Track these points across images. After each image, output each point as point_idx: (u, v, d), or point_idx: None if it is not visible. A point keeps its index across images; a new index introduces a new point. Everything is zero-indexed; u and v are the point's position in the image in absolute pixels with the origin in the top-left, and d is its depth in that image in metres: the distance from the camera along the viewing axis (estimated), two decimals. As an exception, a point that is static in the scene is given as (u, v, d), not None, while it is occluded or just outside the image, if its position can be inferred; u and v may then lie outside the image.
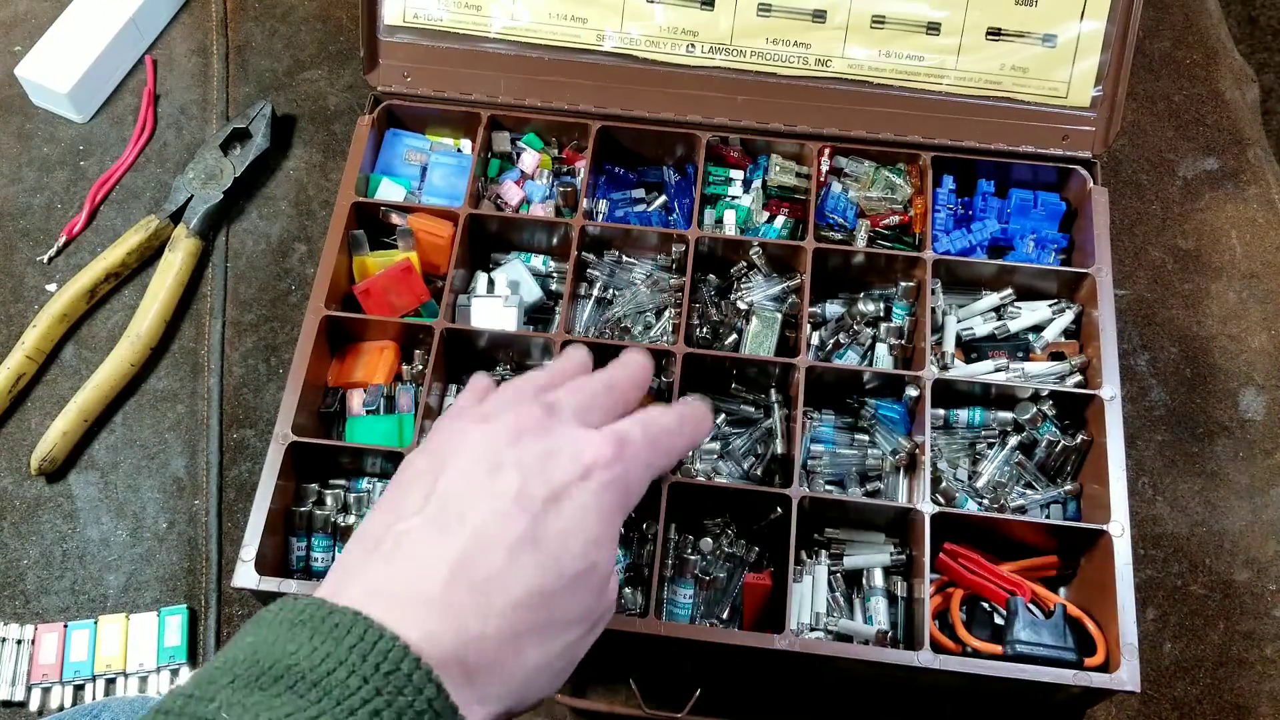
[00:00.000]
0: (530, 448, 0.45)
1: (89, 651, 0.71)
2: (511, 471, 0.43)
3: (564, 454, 0.44)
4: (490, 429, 0.46)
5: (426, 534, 0.42)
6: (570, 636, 0.43)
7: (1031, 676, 0.62)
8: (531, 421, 0.46)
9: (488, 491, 0.43)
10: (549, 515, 0.42)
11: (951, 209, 0.80)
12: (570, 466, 0.44)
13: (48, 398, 0.80)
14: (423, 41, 0.81)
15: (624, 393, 0.51)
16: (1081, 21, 0.77)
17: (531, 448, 0.45)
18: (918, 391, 0.71)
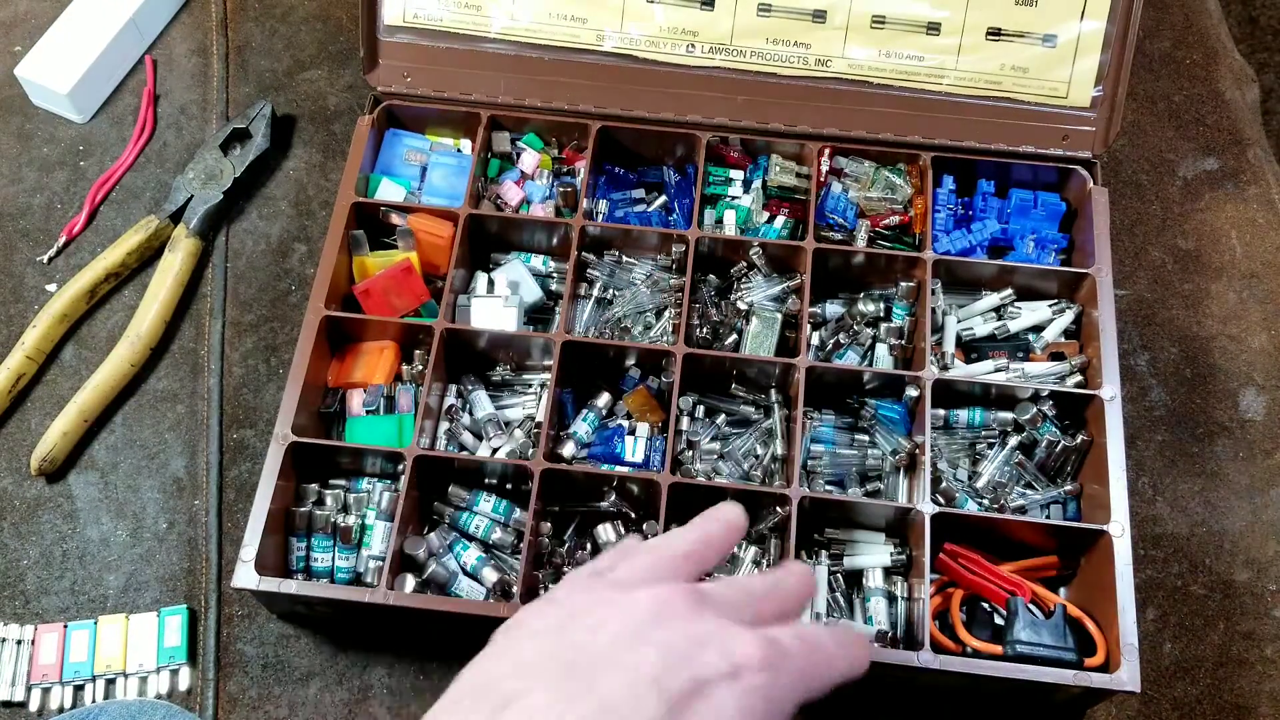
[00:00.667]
0: (676, 630, 0.38)
1: (89, 652, 0.71)
2: (652, 650, 0.37)
3: (712, 646, 0.37)
4: (631, 600, 0.39)
5: (546, 697, 0.36)
6: None
7: (1031, 677, 0.62)
8: (679, 601, 0.39)
9: (624, 664, 0.36)
10: (686, 709, 0.36)
11: (951, 209, 0.80)
12: (718, 662, 0.37)
13: (48, 398, 0.80)
14: (423, 42, 0.81)
15: (784, 601, 0.43)
16: (1081, 21, 0.77)
17: (678, 630, 0.38)
18: (918, 392, 0.71)
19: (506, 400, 0.75)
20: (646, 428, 0.73)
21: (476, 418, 0.74)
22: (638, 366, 0.74)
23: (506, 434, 0.73)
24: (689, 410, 0.73)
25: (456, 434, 0.74)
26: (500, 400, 0.75)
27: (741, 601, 0.41)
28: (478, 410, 0.74)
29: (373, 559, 0.69)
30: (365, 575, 0.69)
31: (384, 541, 0.69)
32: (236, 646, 0.72)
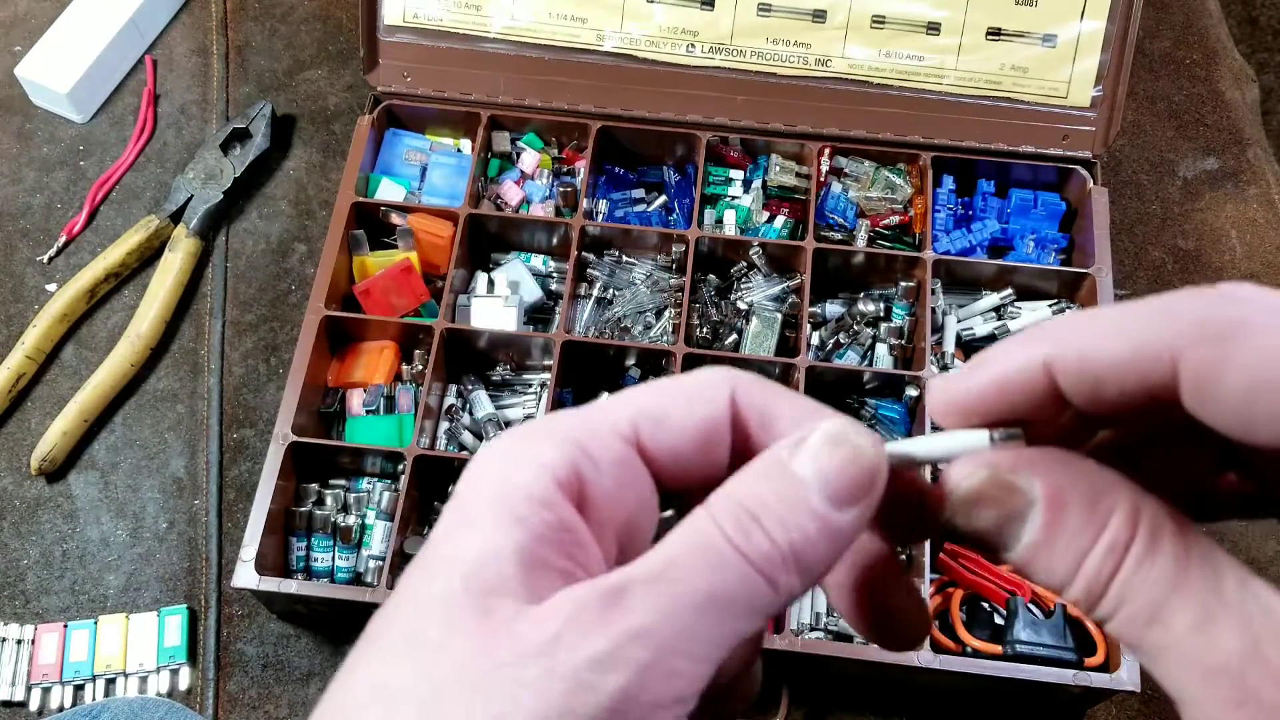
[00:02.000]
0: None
1: (89, 651, 0.71)
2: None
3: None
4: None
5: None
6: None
7: (1031, 676, 0.62)
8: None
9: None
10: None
11: (951, 209, 0.80)
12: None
13: (48, 397, 0.80)
14: (423, 41, 0.81)
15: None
16: (1081, 21, 0.77)
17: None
18: (918, 392, 0.71)
19: (506, 400, 0.75)
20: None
21: (476, 417, 0.74)
22: (638, 366, 0.74)
23: (506, 434, 0.73)
24: (689, 410, 0.73)
25: (456, 434, 0.74)
26: (500, 400, 0.75)
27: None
28: (478, 410, 0.74)
29: (373, 559, 0.69)
30: (365, 575, 0.69)
31: (384, 541, 0.69)
32: (236, 646, 0.72)
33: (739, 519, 0.22)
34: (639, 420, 0.25)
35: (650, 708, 0.21)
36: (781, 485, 0.23)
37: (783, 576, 0.22)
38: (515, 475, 0.23)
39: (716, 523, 0.23)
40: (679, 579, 0.22)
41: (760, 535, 0.22)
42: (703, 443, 0.25)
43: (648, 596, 0.22)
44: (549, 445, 0.24)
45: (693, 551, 0.22)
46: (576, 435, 0.24)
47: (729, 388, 0.25)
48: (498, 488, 0.23)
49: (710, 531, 0.22)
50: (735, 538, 0.22)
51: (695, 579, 0.22)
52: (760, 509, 0.22)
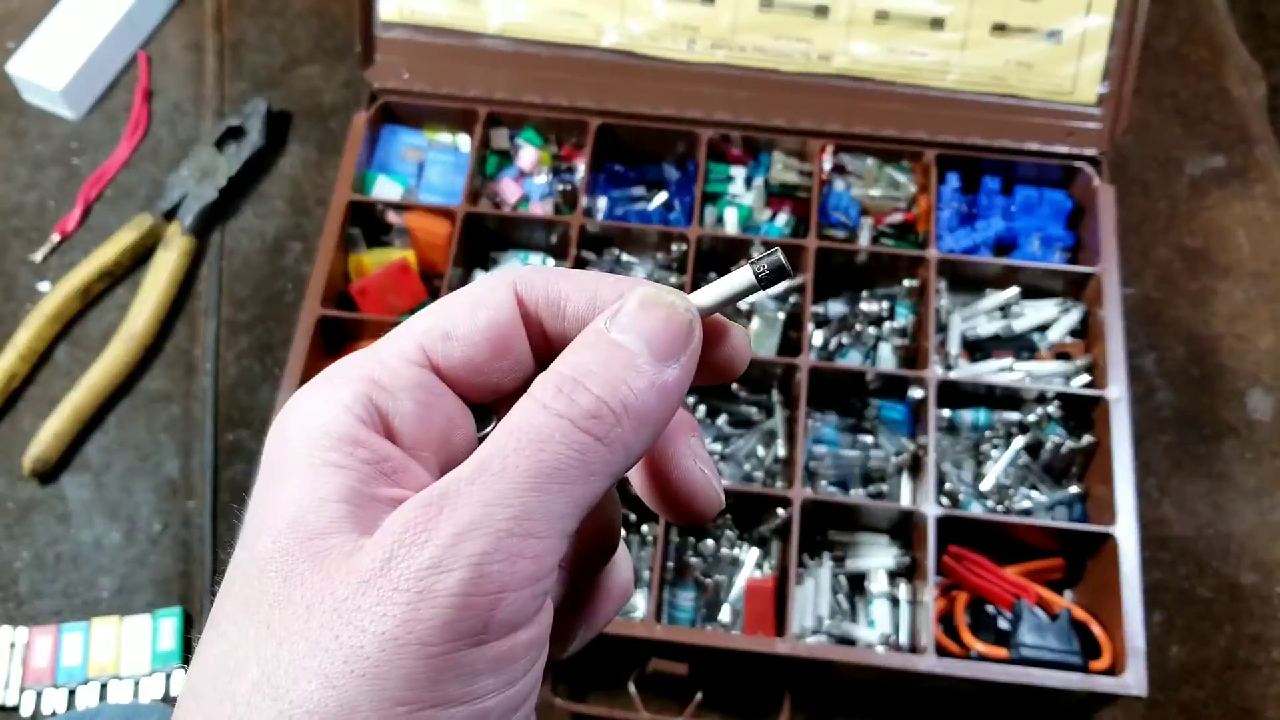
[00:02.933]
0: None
1: (82, 655, 0.70)
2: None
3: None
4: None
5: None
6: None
7: (1037, 681, 0.62)
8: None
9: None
10: None
11: (956, 207, 0.79)
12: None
13: (40, 398, 0.79)
14: (420, 37, 0.80)
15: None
16: (1087, 17, 0.76)
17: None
18: (922, 392, 0.70)
19: (505, 400, 0.75)
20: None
21: (474, 418, 0.73)
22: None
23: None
24: (690, 410, 0.73)
25: (454, 435, 0.73)
26: (498, 400, 0.74)
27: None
28: (476, 411, 0.73)
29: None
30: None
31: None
32: (231, 650, 0.71)
33: (560, 387, 0.23)
34: (425, 341, 0.25)
35: (499, 596, 0.21)
36: (605, 352, 0.23)
37: (614, 430, 0.23)
38: (317, 421, 0.24)
39: (536, 398, 0.23)
40: (503, 466, 0.22)
41: (583, 394, 0.23)
42: (496, 345, 0.25)
43: (472, 492, 0.22)
44: (343, 387, 0.24)
45: (514, 434, 0.22)
46: (366, 371, 0.25)
47: (509, 287, 0.25)
48: (304, 437, 0.23)
49: (530, 409, 0.23)
50: (555, 405, 0.22)
51: (519, 460, 0.22)
52: (584, 375, 0.23)
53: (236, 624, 0.22)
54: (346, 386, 0.24)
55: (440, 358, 0.25)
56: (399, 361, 0.25)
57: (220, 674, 0.22)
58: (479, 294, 0.25)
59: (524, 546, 0.21)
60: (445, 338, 0.25)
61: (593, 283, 0.25)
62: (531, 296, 0.25)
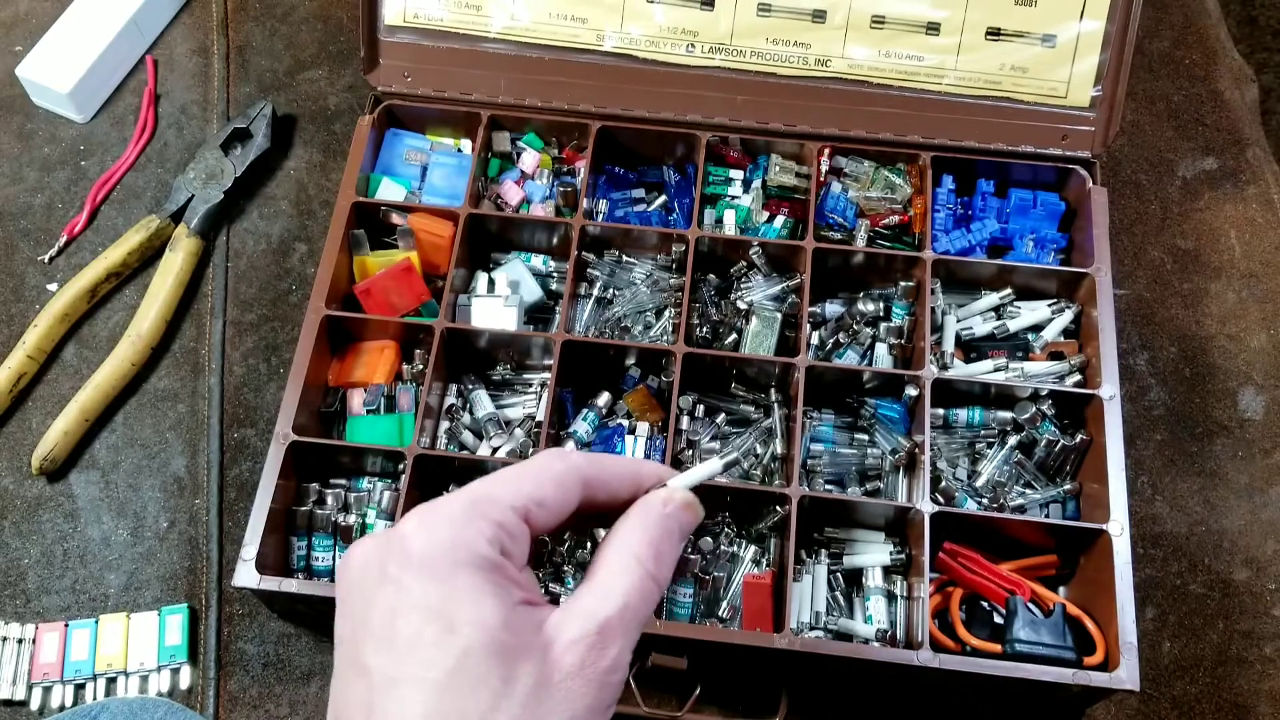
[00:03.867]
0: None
1: (90, 650, 0.71)
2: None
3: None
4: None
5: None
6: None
7: (1031, 675, 0.62)
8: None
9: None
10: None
11: (951, 209, 0.80)
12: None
13: (49, 397, 0.80)
14: (423, 41, 0.81)
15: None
16: (1081, 21, 0.77)
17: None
18: (917, 391, 0.71)
19: (507, 399, 0.76)
20: (646, 427, 0.73)
21: (477, 417, 0.74)
22: (638, 366, 0.75)
23: (507, 433, 0.73)
24: (689, 410, 0.74)
25: (457, 433, 0.74)
26: (500, 399, 0.75)
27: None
28: (478, 409, 0.74)
29: (373, 558, 0.69)
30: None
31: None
32: (237, 645, 0.72)
33: (648, 557, 0.35)
34: (529, 507, 0.35)
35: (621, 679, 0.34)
36: (664, 526, 0.36)
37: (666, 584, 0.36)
38: (465, 547, 0.33)
39: (643, 566, 0.35)
40: (634, 613, 0.34)
41: (661, 566, 0.36)
42: (563, 514, 0.36)
43: (620, 628, 0.34)
44: (481, 525, 0.34)
45: (637, 590, 0.35)
46: (495, 520, 0.34)
47: (578, 474, 0.36)
48: (457, 558, 0.33)
49: (643, 575, 0.35)
50: (654, 571, 0.35)
51: (640, 610, 0.34)
52: (659, 544, 0.36)
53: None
54: (482, 525, 0.34)
55: (532, 516, 0.35)
56: (513, 520, 0.34)
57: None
58: (565, 481, 0.36)
59: (623, 645, 0.34)
60: (540, 505, 0.35)
61: (634, 464, 0.38)
62: (590, 478, 0.37)
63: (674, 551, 0.36)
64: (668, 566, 0.36)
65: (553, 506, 0.35)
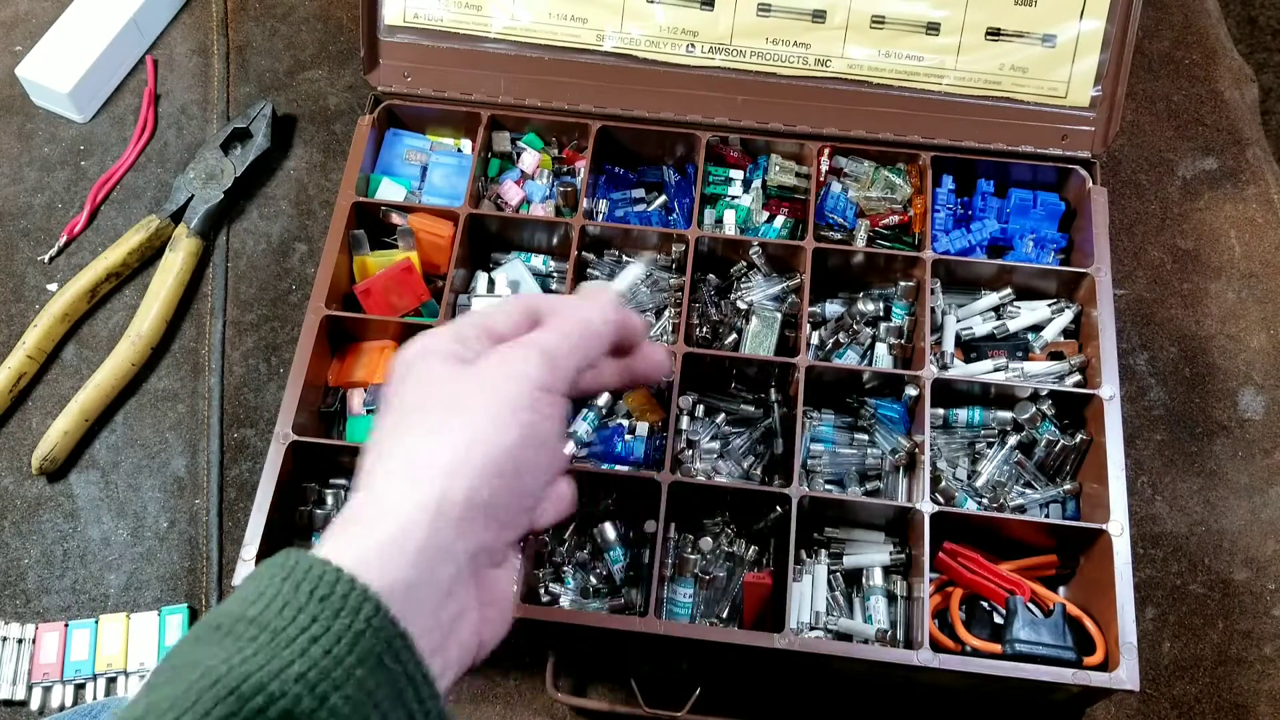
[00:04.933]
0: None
1: (90, 650, 0.71)
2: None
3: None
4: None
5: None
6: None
7: (1031, 675, 0.62)
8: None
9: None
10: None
11: (951, 209, 0.80)
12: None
13: (49, 397, 0.80)
14: (423, 41, 0.81)
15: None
16: (1081, 21, 0.77)
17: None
18: (917, 391, 0.71)
19: (507, 399, 0.75)
20: (646, 427, 0.73)
21: (477, 417, 0.74)
22: (638, 366, 0.74)
23: (507, 433, 0.73)
24: (689, 409, 0.74)
25: (457, 433, 0.74)
26: (500, 399, 0.75)
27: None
28: (478, 409, 0.74)
29: (373, 558, 0.69)
30: (366, 574, 0.69)
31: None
32: (237, 645, 0.72)
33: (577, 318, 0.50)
34: (482, 318, 0.50)
35: (560, 363, 0.48)
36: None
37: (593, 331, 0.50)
38: (429, 344, 0.47)
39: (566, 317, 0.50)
40: (544, 340, 0.48)
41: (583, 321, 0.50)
42: (515, 324, 0.50)
43: (533, 338, 0.48)
44: (442, 331, 0.48)
45: (563, 323, 0.50)
46: (454, 328, 0.49)
47: (526, 301, 0.51)
48: (423, 349, 0.48)
49: (568, 317, 0.50)
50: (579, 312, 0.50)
51: (564, 329, 0.49)
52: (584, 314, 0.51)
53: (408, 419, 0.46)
54: (443, 331, 0.48)
55: (489, 325, 0.49)
56: (470, 327, 0.49)
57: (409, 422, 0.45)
58: (513, 304, 0.50)
59: (559, 360, 0.47)
60: (491, 316, 0.50)
61: (569, 298, 0.54)
62: (535, 302, 0.51)
63: (585, 332, 0.49)
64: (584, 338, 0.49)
65: (505, 317, 0.49)
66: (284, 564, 0.38)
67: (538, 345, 0.47)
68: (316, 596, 0.37)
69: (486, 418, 0.44)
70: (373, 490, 0.43)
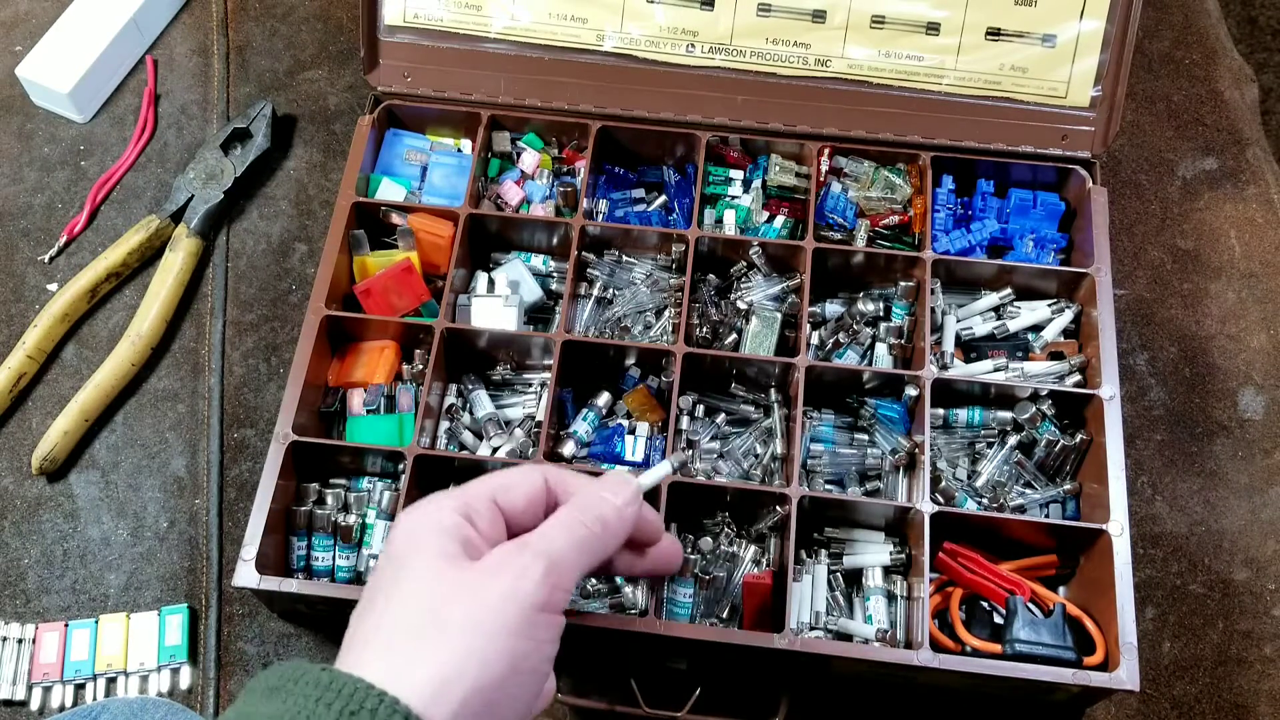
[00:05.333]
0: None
1: (90, 650, 0.71)
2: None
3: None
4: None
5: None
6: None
7: (1031, 676, 0.62)
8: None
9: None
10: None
11: (951, 209, 0.80)
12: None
13: (49, 397, 0.80)
14: (423, 41, 0.81)
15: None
16: (1081, 21, 0.77)
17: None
18: (917, 391, 0.71)
19: (507, 399, 0.76)
20: (646, 427, 0.73)
21: (477, 417, 0.74)
22: (638, 366, 0.75)
23: (507, 433, 0.73)
24: (689, 409, 0.74)
25: (457, 433, 0.74)
26: (500, 399, 0.75)
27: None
28: (478, 409, 0.74)
29: (373, 558, 0.69)
30: (366, 574, 0.69)
31: (384, 541, 0.69)
32: (237, 645, 0.72)
33: (581, 508, 0.48)
34: (495, 491, 0.48)
35: (556, 586, 0.44)
36: (597, 497, 0.49)
37: (601, 530, 0.47)
38: (435, 519, 0.45)
39: (568, 511, 0.48)
40: (553, 537, 0.46)
41: (590, 516, 0.48)
42: (530, 501, 0.48)
43: (540, 543, 0.45)
44: (450, 504, 0.46)
45: (554, 526, 0.47)
46: (464, 499, 0.47)
47: (542, 473, 0.49)
48: (431, 527, 0.45)
49: (563, 518, 0.47)
50: (576, 515, 0.48)
51: (561, 534, 0.46)
52: (591, 507, 0.48)
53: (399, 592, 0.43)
54: (454, 503, 0.46)
55: (501, 501, 0.48)
56: (480, 497, 0.47)
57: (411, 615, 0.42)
58: (529, 474, 0.49)
59: (564, 573, 0.45)
60: (506, 490, 0.48)
61: (589, 481, 0.50)
62: (553, 482, 0.49)
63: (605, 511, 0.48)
64: (596, 520, 0.47)
65: (517, 488, 0.48)
66: (307, 677, 0.39)
67: (545, 554, 0.44)
68: (335, 708, 0.38)
69: (471, 651, 0.41)
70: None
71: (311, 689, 0.39)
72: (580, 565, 0.46)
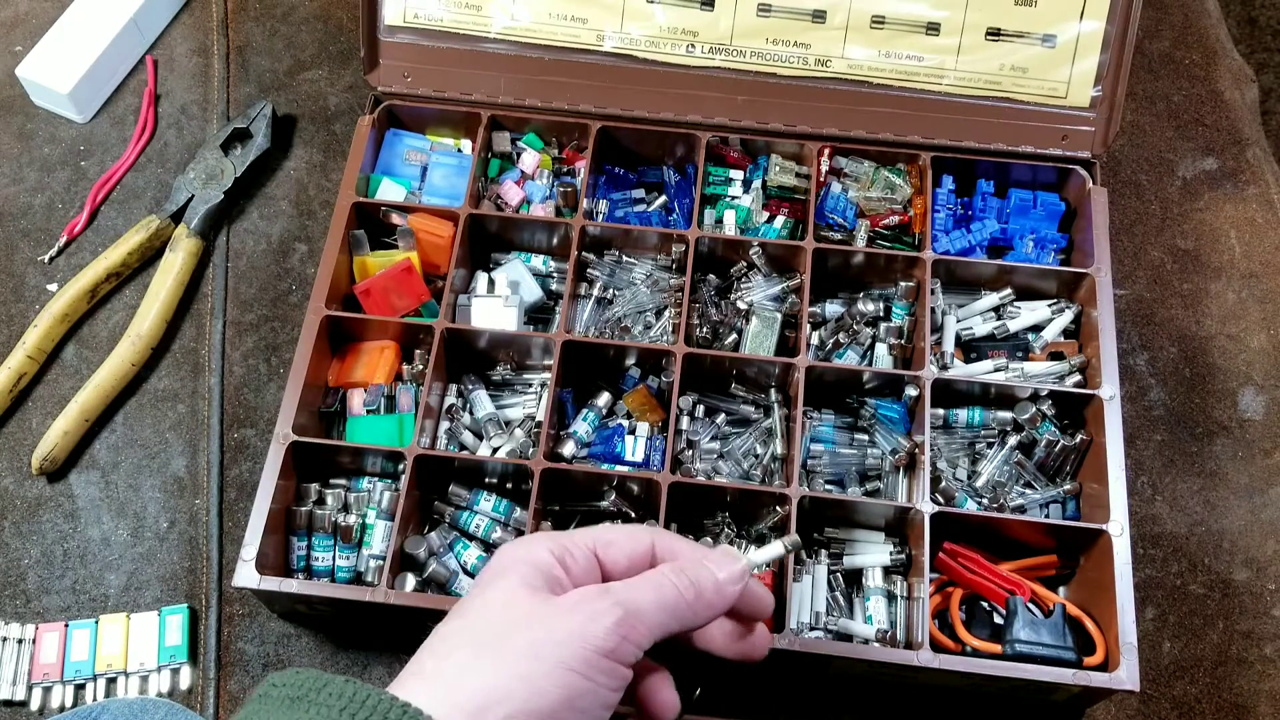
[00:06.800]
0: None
1: (90, 651, 0.71)
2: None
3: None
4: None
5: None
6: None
7: (1031, 676, 0.62)
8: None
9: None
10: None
11: (951, 209, 0.80)
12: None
13: (49, 397, 0.80)
14: (423, 42, 0.81)
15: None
16: (1081, 22, 0.77)
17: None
18: (917, 391, 0.71)
19: (507, 400, 0.76)
20: (646, 427, 0.73)
21: (477, 417, 0.74)
22: (638, 366, 0.75)
23: (507, 433, 0.73)
24: (689, 410, 0.74)
25: (457, 433, 0.74)
26: (500, 400, 0.75)
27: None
28: (478, 410, 0.74)
29: (373, 558, 0.69)
30: (366, 574, 0.69)
31: (384, 541, 0.69)
32: (237, 645, 0.72)
33: (680, 572, 0.46)
34: (597, 542, 0.47)
35: (624, 638, 0.42)
36: (701, 569, 0.46)
37: (689, 597, 0.45)
38: (527, 552, 0.45)
39: (663, 571, 0.46)
40: (639, 590, 0.44)
41: (684, 579, 0.45)
42: (632, 561, 0.47)
43: (622, 591, 0.44)
44: (548, 543, 0.46)
45: (644, 581, 0.45)
46: (562, 541, 0.46)
47: (651, 536, 0.48)
48: (518, 557, 0.45)
49: (657, 576, 0.45)
50: (672, 578, 0.45)
51: (647, 590, 0.44)
52: (692, 572, 0.46)
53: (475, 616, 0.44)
54: (551, 543, 0.46)
55: (601, 553, 0.47)
56: (580, 545, 0.46)
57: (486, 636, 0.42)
58: (637, 534, 0.47)
59: (639, 627, 0.43)
60: (608, 545, 0.47)
61: (699, 547, 0.48)
62: (660, 546, 0.47)
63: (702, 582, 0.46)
64: (689, 586, 0.45)
65: (620, 545, 0.47)
66: (332, 689, 0.39)
67: (626, 604, 0.43)
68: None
69: (524, 676, 0.41)
70: (413, 692, 0.41)
71: (335, 699, 0.39)
72: (659, 625, 0.44)
